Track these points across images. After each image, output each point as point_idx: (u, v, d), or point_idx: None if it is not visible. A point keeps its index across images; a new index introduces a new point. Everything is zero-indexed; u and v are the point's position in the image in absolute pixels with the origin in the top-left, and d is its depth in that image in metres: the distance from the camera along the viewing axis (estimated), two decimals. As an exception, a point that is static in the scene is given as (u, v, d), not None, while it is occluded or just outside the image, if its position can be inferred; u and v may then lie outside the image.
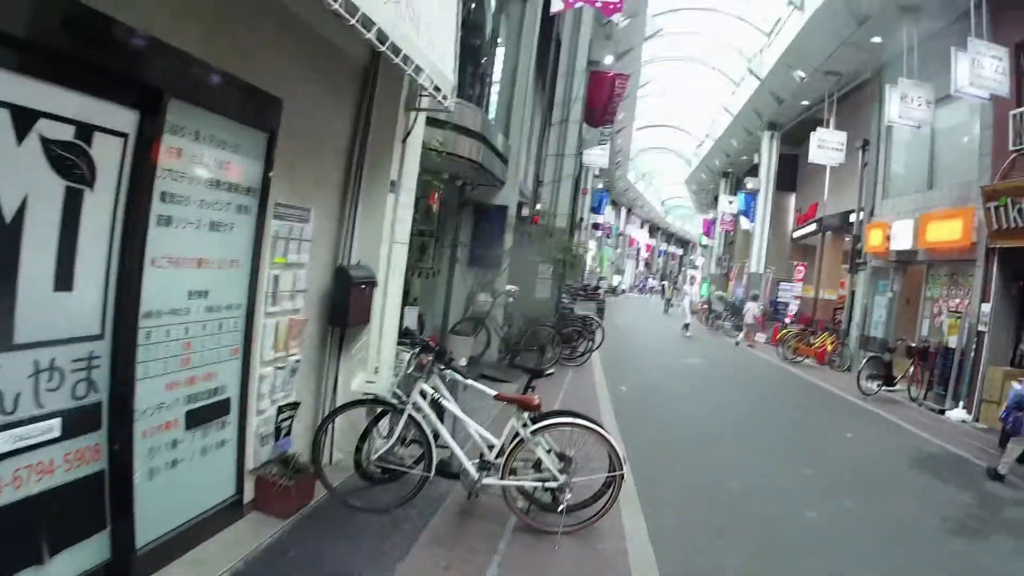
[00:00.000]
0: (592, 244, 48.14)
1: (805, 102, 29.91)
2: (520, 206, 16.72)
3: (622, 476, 6.10)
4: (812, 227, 31.65)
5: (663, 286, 58.81)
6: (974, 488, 9.62)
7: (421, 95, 7.18)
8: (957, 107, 18.27)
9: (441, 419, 6.42)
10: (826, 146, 24.11)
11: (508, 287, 16.20)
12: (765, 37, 30.80)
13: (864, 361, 17.55)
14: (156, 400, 4.60)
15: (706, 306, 36.68)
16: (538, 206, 20.05)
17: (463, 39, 13.14)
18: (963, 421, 14.85)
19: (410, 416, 6.13)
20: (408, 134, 7.23)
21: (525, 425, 6.04)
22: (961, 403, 15.46)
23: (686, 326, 29.27)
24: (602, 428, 6.23)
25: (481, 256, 15.24)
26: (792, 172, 36.50)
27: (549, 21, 17.73)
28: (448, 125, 10.35)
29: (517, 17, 15.66)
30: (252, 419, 5.71)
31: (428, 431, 6.14)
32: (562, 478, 6.00)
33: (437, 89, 6.38)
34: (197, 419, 5.02)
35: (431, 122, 10.15)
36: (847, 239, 28.67)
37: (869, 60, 22.79)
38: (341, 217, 6.81)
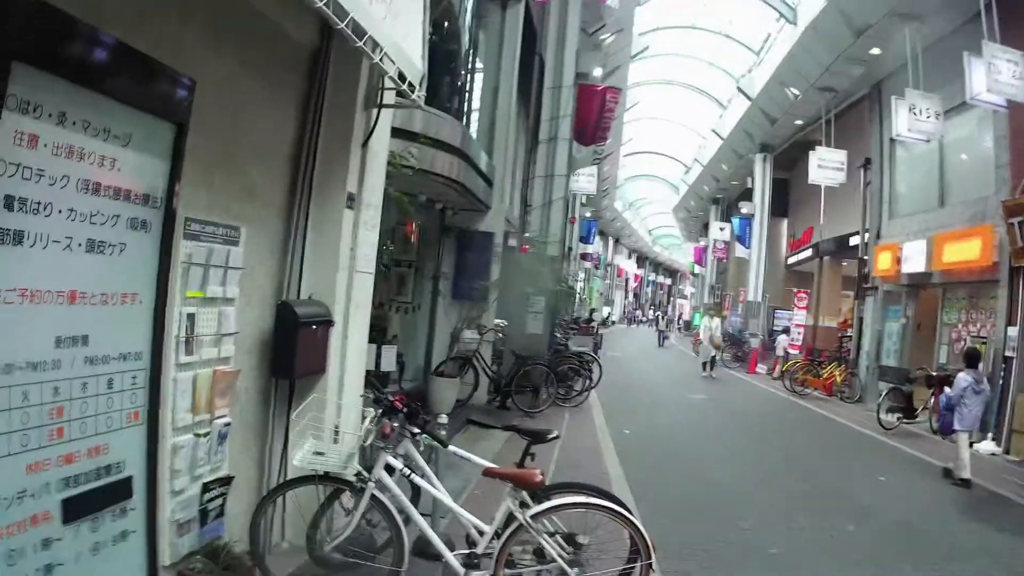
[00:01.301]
0: (581, 275, 46.81)
1: (799, 121, 28.68)
2: (507, 234, 15.39)
3: (650, 566, 4.67)
4: (808, 252, 30.86)
5: (657, 317, 55.91)
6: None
7: (383, 88, 5.84)
8: (965, 119, 17.35)
9: (417, 498, 5.02)
10: (826, 165, 22.85)
11: (497, 321, 14.87)
12: (754, 56, 29.90)
13: (884, 393, 16.28)
14: (13, 487, 3.19)
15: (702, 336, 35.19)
16: (527, 233, 18.71)
17: (437, 44, 11.94)
18: (993, 454, 13.75)
19: (374, 496, 4.72)
20: (369, 136, 5.84)
21: (524, 505, 4.61)
22: (990, 435, 14.26)
23: (705, 365, 25.71)
24: (624, 507, 4.83)
25: (466, 289, 13.85)
26: (783, 197, 35.68)
27: (532, 30, 16.55)
28: (423, 138, 8.98)
29: (497, 25, 14.42)
30: (165, 502, 4.31)
31: (398, 516, 4.72)
32: (573, 572, 4.56)
33: (402, 78, 5.06)
34: (80, 508, 3.58)
35: (402, 134, 8.89)
36: (845, 264, 27.96)
37: (867, 74, 21.70)
38: (285, 239, 5.43)
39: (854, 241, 24.15)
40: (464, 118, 12.81)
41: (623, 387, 19.38)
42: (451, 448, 5.18)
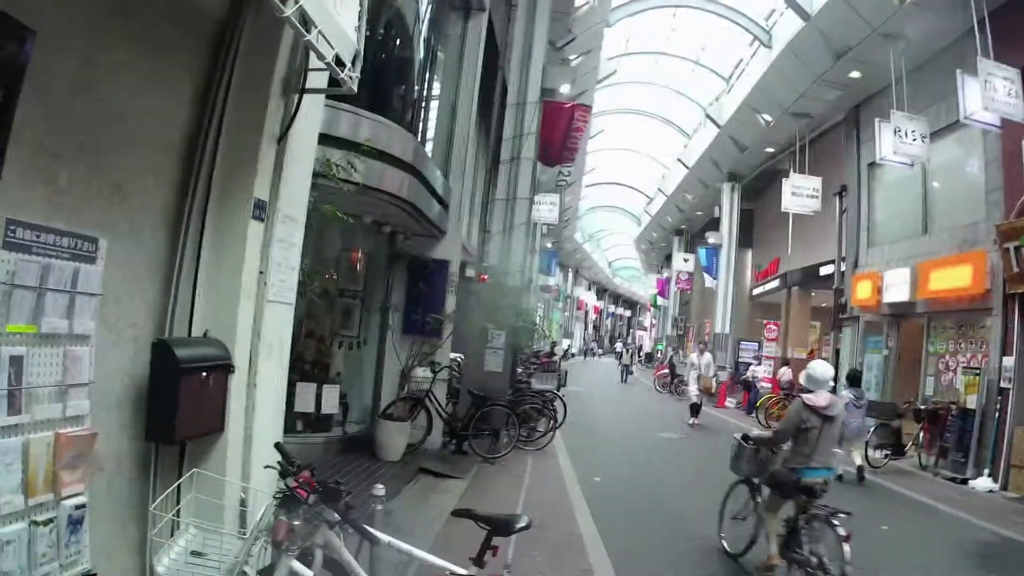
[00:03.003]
0: (540, 307, 45.63)
1: (770, 149, 28.16)
2: (464, 263, 14.14)
3: None
4: (775, 283, 30.50)
5: (620, 351, 52.74)
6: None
7: (307, 69, 4.62)
8: (946, 144, 16.80)
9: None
10: (800, 193, 22.09)
11: (453, 356, 13.66)
12: (724, 83, 29.22)
13: (871, 430, 15.22)
14: None
15: (667, 369, 33.66)
16: (485, 261, 17.39)
17: (392, 52, 10.82)
18: (991, 491, 13.10)
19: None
20: (287, 129, 4.60)
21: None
22: (986, 471, 13.58)
23: (694, 408, 20.45)
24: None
25: (418, 322, 12.57)
26: (748, 228, 35.27)
27: (495, 43, 15.49)
28: (366, 148, 7.75)
29: (457, 36, 13.32)
30: (-7, 616, 2.99)
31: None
32: None
33: (340, 64, 3.89)
34: None
35: (348, 145, 7.69)
36: (814, 294, 27.40)
37: (843, 99, 21.07)
38: (171, 257, 4.15)
39: (824, 271, 23.69)
40: (419, 133, 11.64)
41: (588, 426, 18.00)
42: (384, 539, 3.85)
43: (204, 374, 3.99)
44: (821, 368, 7.40)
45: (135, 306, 3.94)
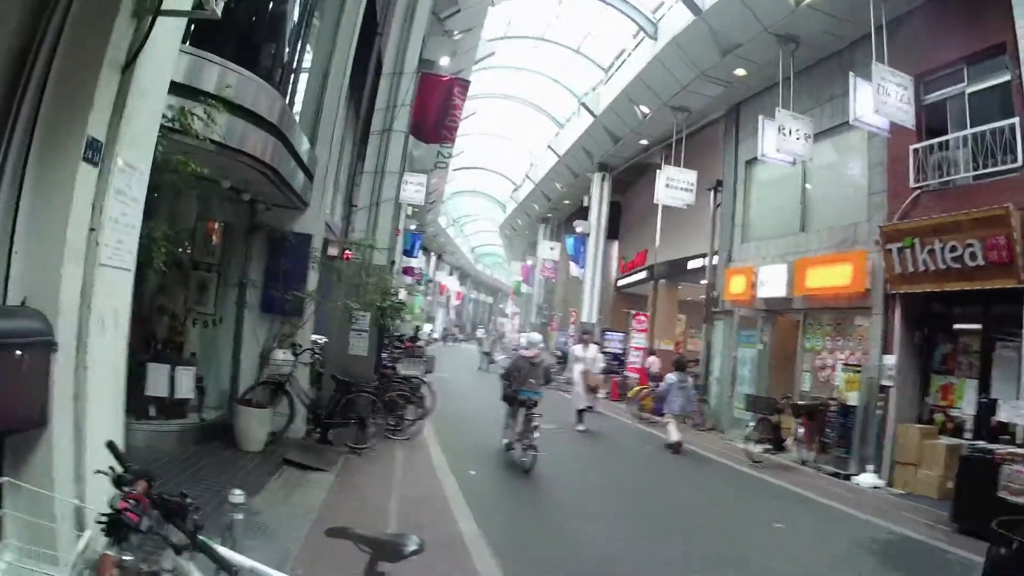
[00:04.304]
0: (403, 290, 44.42)
1: (644, 141, 28.14)
2: (327, 241, 13.18)
3: None
4: (642, 275, 30.70)
5: (481, 337, 51.00)
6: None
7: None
8: (827, 146, 17.06)
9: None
10: (675, 185, 22.13)
11: (315, 338, 12.80)
12: (603, 73, 28.95)
13: (753, 424, 15.45)
14: None
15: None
16: (349, 237, 16.27)
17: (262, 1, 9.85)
18: (876, 487, 13.18)
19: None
20: (135, 56, 3.75)
21: None
22: (870, 467, 13.68)
23: (581, 414, 17.61)
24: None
25: (278, 300, 11.48)
26: (615, 220, 35.26)
27: (374, 7, 14.57)
28: (226, 96, 6.87)
29: (338, -2, 12.34)
30: None
31: None
32: None
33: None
34: None
35: (200, 96, 6.75)
36: (681, 287, 27.68)
37: (725, 95, 21.13)
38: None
39: (693, 264, 24.04)
40: (287, 96, 10.66)
41: (457, 415, 17.34)
42: (247, 564, 3.02)
43: (18, 353, 3.14)
44: (534, 337, 14.43)
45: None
